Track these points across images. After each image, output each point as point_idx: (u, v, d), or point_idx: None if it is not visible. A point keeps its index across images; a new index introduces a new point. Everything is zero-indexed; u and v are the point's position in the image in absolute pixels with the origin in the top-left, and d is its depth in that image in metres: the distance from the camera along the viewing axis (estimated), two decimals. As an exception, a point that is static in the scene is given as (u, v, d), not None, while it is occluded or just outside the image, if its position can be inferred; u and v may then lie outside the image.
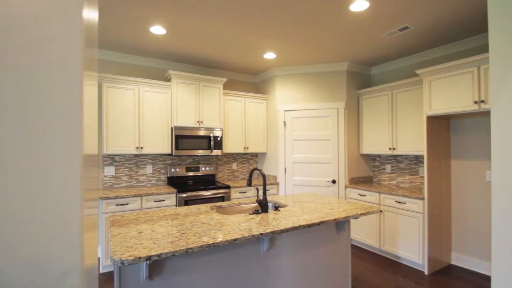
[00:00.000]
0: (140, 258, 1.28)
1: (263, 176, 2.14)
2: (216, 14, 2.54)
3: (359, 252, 3.57)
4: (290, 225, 1.77)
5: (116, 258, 1.27)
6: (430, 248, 2.96)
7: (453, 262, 3.21)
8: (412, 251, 3.08)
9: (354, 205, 2.38)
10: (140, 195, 3.09)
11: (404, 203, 3.16)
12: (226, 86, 4.43)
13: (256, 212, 2.09)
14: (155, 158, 3.78)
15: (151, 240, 1.50)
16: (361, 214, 2.11)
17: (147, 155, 3.72)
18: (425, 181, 2.98)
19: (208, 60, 3.83)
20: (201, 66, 4.08)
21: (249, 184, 2.27)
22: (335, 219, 1.95)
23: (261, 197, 2.52)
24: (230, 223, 1.82)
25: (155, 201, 3.18)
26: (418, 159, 3.60)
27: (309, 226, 1.81)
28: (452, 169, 3.27)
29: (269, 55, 3.60)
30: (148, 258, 1.30)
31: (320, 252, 2.20)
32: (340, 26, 2.78)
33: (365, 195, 3.59)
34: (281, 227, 1.73)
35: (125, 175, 3.58)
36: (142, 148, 3.39)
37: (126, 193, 3.05)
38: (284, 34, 2.96)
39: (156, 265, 1.53)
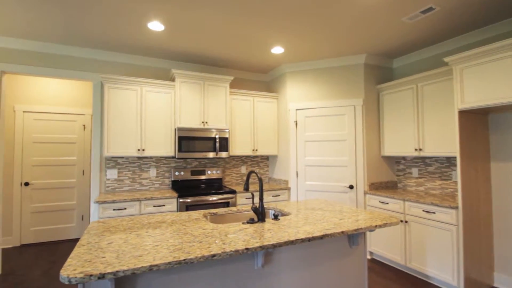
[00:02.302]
0: (91, 276, 1.06)
1: (260, 180, 1.87)
2: (215, 6, 2.33)
3: (380, 268, 3.14)
4: (285, 239, 1.47)
5: (64, 274, 1.06)
6: (466, 266, 2.49)
7: (496, 285, 2.69)
8: (445, 269, 2.62)
9: (370, 215, 2.02)
10: (138, 200, 2.94)
11: (434, 212, 2.71)
12: (234, 86, 4.22)
13: (250, 221, 1.81)
14: (159, 161, 3.64)
15: (116, 253, 1.28)
16: (376, 226, 1.76)
17: (151, 157, 3.59)
18: (459, 187, 2.53)
19: (213, 59, 3.64)
20: (207, 65, 3.91)
21: (246, 189, 2.00)
22: (342, 232, 1.62)
23: (257, 204, 2.25)
24: (216, 234, 1.56)
25: (154, 206, 3.01)
26: (450, 161, 3.12)
27: (308, 240, 1.50)
28: (493, 173, 2.77)
29: (277, 50, 3.33)
30: (102, 276, 1.07)
31: (328, 269, 1.87)
32: (354, 12, 2.45)
33: (387, 203, 3.17)
34: (274, 241, 1.44)
35: (128, 178, 3.46)
36: (144, 150, 3.25)
37: (124, 197, 2.91)
38: (291, 24, 2.69)
39: (126, 282, 1.31)
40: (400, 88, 3.36)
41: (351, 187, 3.45)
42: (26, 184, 3.92)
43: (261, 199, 1.89)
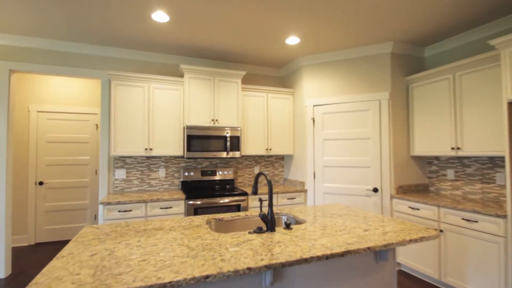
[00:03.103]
0: (53, 302, 0.86)
1: (269, 183, 1.62)
2: (218, -13, 2.11)
3: (410, 283, 2.77)
4: (297, 255, 1.21)
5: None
6: (519, 288, 2.09)
7: (556, 310, 2.25)
8: (488, 287, 2.23)
9: (401, 225, 1.71)
10: (144, 201, 2.78)
11: (476, 221, 2.32)
12: (247, 82, 3.99)
13: (258, 230, 1.57)
14: (168, 160, 3.48)
15: (95, 269, 1.09)
16: (411, 240, 1.45)
17: (160, 157, 3.44)
18: (508, 191, 2.13)
19: (223, 53, 3.43)
20: (217, 60, 3.70)
21: (254, 192, 1.76)
22: (368, 248, 1.33)
23: (266, 211, 1.99)
24: (216, 247, 1.33)
25: (161, 208, 2.85)
26: (494, 161, 2.70)
27: (326, 257, 1.23)
28: (550, 177, 2.32)
29: (292, 40, 3.06)
30: (67, 302, 0.87)
31: (350, 289, 1.58)
32: (377, -11, 2.14)
33: (418, 209, 2.79)
34: (283, 258, 1.18)
35: (137, 178, 3.33)
36: (151, 149, 3.11)
37: (129, 199, 2.77)
38: (307, 9, 2.41)
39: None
40: (433, 79, 2.96)
41: (375, 190, 3.11)
42: (41, 183, 3.92)
43: (270, 205, 1.64)
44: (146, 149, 3.08)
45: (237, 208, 3.12)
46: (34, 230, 3.87)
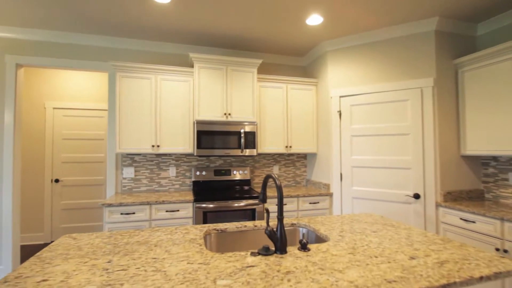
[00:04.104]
0: None
1: (278, 189, 1.24)
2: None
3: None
4: (311, 300, 0.83)
5: None
6: None
7: None
8: None
9: (463, 250, 1.24)
10: (148, 203, 2.54)
11: (560, 243, 1.75)
12: (264, 72, 3.61)
13: (263, 251, 1.20)
14: (179, 158, 3.23)
15: (28, 307, 0.79)
16: (482, 278, 0.99)
17: (170, 155, 3.20)
18: None
19: (236, 39, 3.09)
20: (230, 48, 3.37)
21: (262, 199, 1.40)
22: (420, 291, 0.90)
23: (274, 226, 1.56)
24: (201, 277, 0.99)
25: (166, 211, 2.59)
26: None
27: (356, 306, 0.83)
28: None
29: (314, 19, 2.63)
30: None
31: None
32: None
33: (473, 222, 2.24)
34: (291, 305, 0.80)
35: (146, 177, 3.12)
36: (158, 146, 2.86)
37: (132, 200, 2.53)
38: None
39: None
40: (491, 61, 2.38)
41: (416, 196, 2.58)
42: (57, 181, 3.88)
43: (279, 218, 1.26)
44: (153, 146, 2.85)
45: (252, 213, 2.77)
46: (50, 228, 3.84)
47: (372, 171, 2.84)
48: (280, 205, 1.25)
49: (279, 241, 1.22)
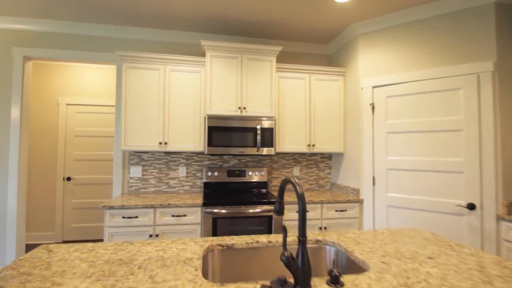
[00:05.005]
0: None
1: (300, 197, 0.89)
2: None
3: None
4: None
5: None
6: None
7: None
8: None
9: None
10: (153, 207, 2.27)
11: None
12: (284, 61, 3.25)
13: (278, 286, 0.85)
14: (189, 157, 2.96)
15: None
16: None
17: (180, 153, 2.94)
18: None
19: (252, 24, 2.76)
20: (246, 36, 3.04)
21: (279, 211, 1.06)
22: None
23: (293, 249, 1.21)
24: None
25: (172, 215, 2.31)
26: None
27: None
28: None
29: (343, -4, 2.24)
30: None
31: None
32: None
33: (553, 242, 1.74)
34: None
35: (154, 177, 2.88)
36: (166, 144, 2.60)
37: (136, 203, 2.28)
38: None
39: None
40: None
41: (470, 206, 2.10)
42: (68, 179, 3.78)
43: (302, 240, 0.90)
44: (160, 143, 2.59)
45: (268, 221, 2.42)
46: (61, 227, 3.74)
47: (412, 175, 2.39)
48: (302, 221, 0.90)
49: (300, 273, 0.87)
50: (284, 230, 0.94)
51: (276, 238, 1.39)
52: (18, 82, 2.70)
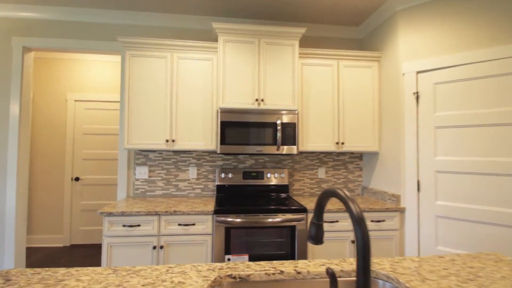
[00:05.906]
0: None
1: (358, 222, 0.52)
2: None
3: None
4: None
5: None
6: None
7: None
8: None
9: None
10: (157, 214, 1.97)
11: None
12: (305, 47, 2.85)
13: None
14: (201, 157, 2.65)
15: None
16: None
17: (190, 152, 2.63)
18: None
19: (272, 4, 2.39)
20: (265, 19, 2.68)
21: (315, 237, 0.70)
22: None
23: None
24: None
25: (179, 224, 2.00)
26: None
27: None
28: None
29: (384, -41, 1.82)
30: None
31: None
32: None
33: None
34: None
35: (162, 179, 2.59)
36: (174, 141, 2.30)
37: (138, 209, 1.99)
38: None
39: None
40: None
41: (555, 221, 1.62)
42: (77, 179, 3.60)
43: (365, 282, 0.53)
44: (167, 141, 2.29)
45: (291, 232, 2.05)
46: (69, 230, 3.57)
47: (468, 179, 1.93)
48: (364, 270, 0.53)
49: None
50: (328, 274, 0.58)
51: (306, 266, 1.02)
52: (17, 73, 2.50)
